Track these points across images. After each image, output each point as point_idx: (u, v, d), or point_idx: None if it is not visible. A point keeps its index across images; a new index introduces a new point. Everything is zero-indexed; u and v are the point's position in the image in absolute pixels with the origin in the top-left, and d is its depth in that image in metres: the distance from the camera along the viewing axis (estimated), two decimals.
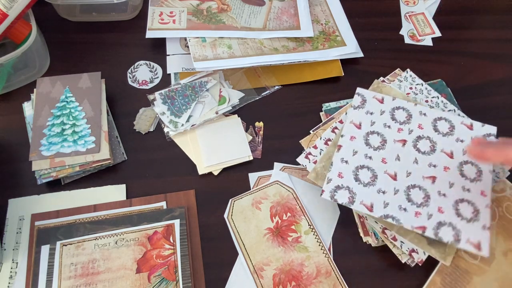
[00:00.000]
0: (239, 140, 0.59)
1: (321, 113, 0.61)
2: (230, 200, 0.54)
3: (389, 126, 0.53)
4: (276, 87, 0.65)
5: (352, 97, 0.65)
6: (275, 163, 0.57)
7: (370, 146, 0.52)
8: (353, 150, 0.51)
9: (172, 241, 0.50)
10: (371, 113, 0.54)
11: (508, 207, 0.51)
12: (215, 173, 0.57)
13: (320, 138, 0.54)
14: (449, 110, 0.56)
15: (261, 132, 0.61)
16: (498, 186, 0.52)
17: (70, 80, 0.60)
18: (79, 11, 0.71)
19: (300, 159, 0.53)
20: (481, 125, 0.54)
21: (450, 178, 0.50)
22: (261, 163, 0.58)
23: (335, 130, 0.54)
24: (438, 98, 0.57)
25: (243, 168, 0.57)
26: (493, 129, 0.53)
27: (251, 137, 0.60)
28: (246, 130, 0.60)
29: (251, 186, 0.56)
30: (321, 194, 0.48)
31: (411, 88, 0.59)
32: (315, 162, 0.52)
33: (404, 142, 0.52)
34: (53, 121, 0.57)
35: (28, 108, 0.60)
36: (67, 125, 0.56)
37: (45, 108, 0.58)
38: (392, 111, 0.54)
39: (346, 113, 0.55)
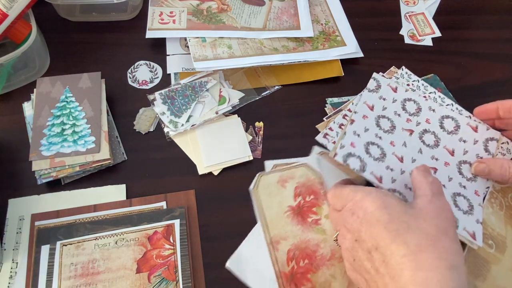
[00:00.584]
0: (239, 140, 0.59)
1: (326, 108, 0.62)
2: (257, 174, 0.55)
3: (399, 115, 0.54)
4: (276, 87, 0.65)
5: (351, 96, 0.65)
6: (314, 147, 0.57)
7: (381, 128, 0.52)
8: (365, 127, 0.52)
9: (172, 241, 0.51)
10: (384, 99, 0.55)
11: None
12: (215, 173, 0.57)
13: (334, 122, 0.54)
14: (447, 105, 0.57)
15: (261, 132, 0.61)
16: None
17: (70, 80, 0.60)
18: (79, 11, 0.71)
19: (319, 137, 0.53)
20: (486, 129, 0.54)
21: (449, 173, 0.51)
22: (261, 163, 0.58)
23: (346, 117, 0.55)
24: (435, 93, 0.58)
25: (243, 168, 0.57)
26: (497, 134, 0.54)
27: (251, 137, 0.60)
28: (246, 130, 0.60)
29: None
30: (334, 156, 0.48)
31: (408, 85, 0.59)
32: (333, 143, 0.52)
33: (411, 132, 0.53)
34: (53, 121, 0.57)
35: (28, 108, 0.60)
36: (67, 125, 0.57)
37: (45, 108, 0.58)
38: (403, 102, 0.55)
39: (360, 95, 0.55)
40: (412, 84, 0.60)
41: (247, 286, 0.49)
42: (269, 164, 0.56)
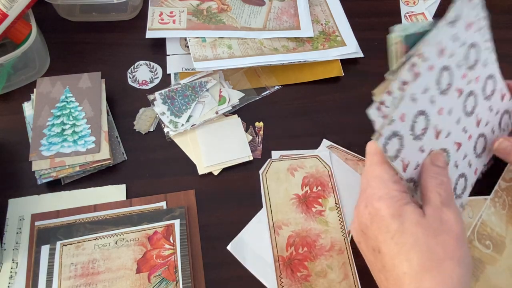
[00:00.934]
0: (239, 140, 0.59)
1: (392, 46, 0.43)
2: (269, 159, 0.57)
3: (459, 66, 0.43)
4: (276, 87, 0.65)
5: (351, 96, 0.65)
6: (324, 140, 0.58)
7: (439, 86, 0.42)
8: (425, 86, 0.41)
9: (172, 241, 0.51)
10: (455, 40, 0.42)
11: None
12: (215, 173, 0.57)
13: (396, 80, 0.39)
14: (495, 60, 0.49)
15: (261, 132, 0.61)
16: (508, 175, 0.52)
17: (70, 80, 0.60)
18: (79, 11, 0.71)
19: (372, 111, 0.39)
20: (508, 98, 0.49)
21: (467, 149, 0.46)
22: (261, 163, 0.58)
23: (413, 68, 0.40)
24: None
25: (243, 168, 0.57)
26: None
27: (251, 137, 0.60)
28: (246, 130, 0.60)
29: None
30: (377, 139, 0.38)
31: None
32: (385, 118, 0.39)
33: (460, 92, 0.44)
34: (53, 121, 0.57)
35: (28, 108, 0.60)
36: (67, 125, 0.57)
37: (45, 108, 0.58)
38: (469, 47, 0.44)
39: (436, 28, 0.41)
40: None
41: (246, 270, 0.50)
42: (276, 154, 0.57)
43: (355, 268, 0.50)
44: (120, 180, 0.56)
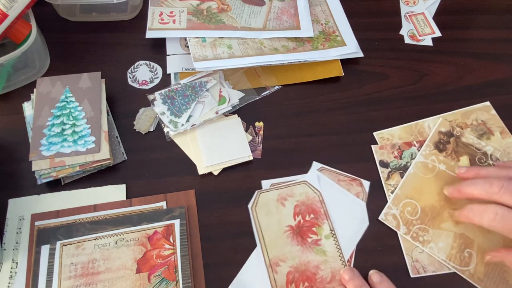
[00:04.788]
0: (239, 140, 0.59)
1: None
2: (256, 191, 0.55)
3: None
4: (276, 87, 0.65)
5: (351, 96, 0.65)
6: (314, 162, 0.58)
7: None
8: None
9: (172, 241, 0.51)
10: None
11: None
12: (215, 173, 0.57)
13: None
14: None
15: (261, 132, 0.61)
16: None
17: (70, 80, 0.60)
18: (79, 11, 0.71)
19: None
20: None
21: None
22: (261, 163, 0.58)
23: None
24: None
25: (243, 168, 0.57)
26: None
27: (251, 137, 0.60)
28: (246, 130, 0.60)
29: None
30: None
31: None
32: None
33: None
34: (53, 121, 0.57)
35: (28, 108, 0.60)
36: (67, 125, 0.57)
37: (45, 108, 0.58)
38: None
39: None
40: None
41: None
42: (266, 183, 0.55)
43: None
44: (120, 180, 0.56)
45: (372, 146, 0.59)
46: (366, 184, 0.56)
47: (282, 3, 0.72)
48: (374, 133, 0.60)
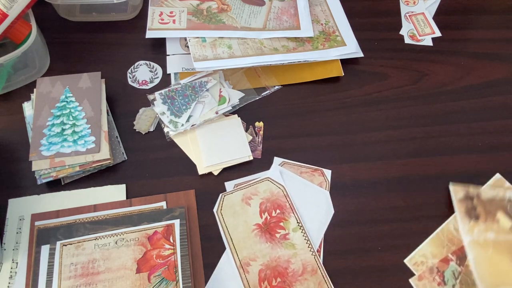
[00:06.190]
0: (239, 140, 0.59)
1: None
2: (221, 194, 0.55)
3: None
4: (276, 87, 0.65)
5: (351, 96, 0.65)
6: (275, 158, 0.58)
7: None
8: None
9: (172, 241, 0.51)
10: None
11: None
12: (215, 173, 0.57)
13: None
14: None
15: (261, 132, 0.61)
16: None
17: (70, 80, 0.60)
18: (79, 11, 0.71)
19: None
20: None
21: None
22: (261, 163, 0.58)
23: None
24: None
25: (243, 168, 0.57)
26: None
27: (251, 137, 0.60)
28: (246, 130, 0.60)
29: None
30: None
31: None
32: None
33: None
34: (53, 121, 0.57)
35: (28, 108, 0.60)
36: (67, 125, 0.57)
37: (45, 108, 0.58)
38: None
39: None
40: None
41: None
42: (229, 184, 0.55)
43: (331, 283, 0.49)
44: (120, 180, 0.56)
45: (410, 280, 0.51)
46: (328, 173, 0.57)
47: (282, 3, 0.72)
48: (405, 261, 0.52)
